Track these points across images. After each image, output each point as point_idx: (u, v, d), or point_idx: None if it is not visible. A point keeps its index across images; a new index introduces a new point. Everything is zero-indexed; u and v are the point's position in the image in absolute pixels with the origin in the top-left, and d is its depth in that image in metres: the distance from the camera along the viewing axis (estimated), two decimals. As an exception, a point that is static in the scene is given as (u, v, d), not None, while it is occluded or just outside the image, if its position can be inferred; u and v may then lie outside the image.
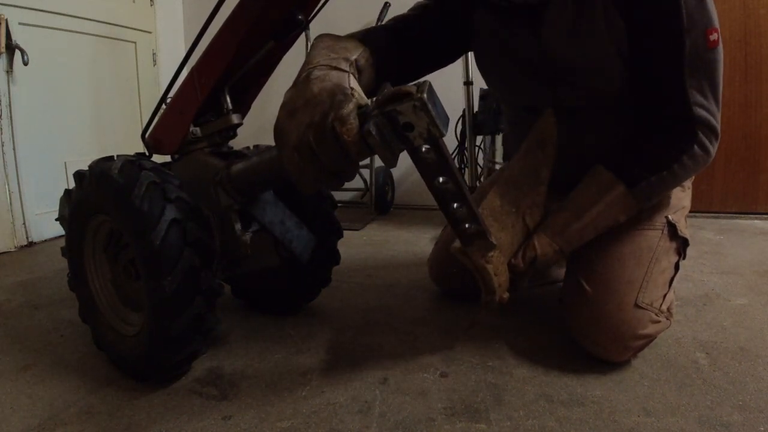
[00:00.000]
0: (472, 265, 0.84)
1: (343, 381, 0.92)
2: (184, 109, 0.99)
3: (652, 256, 0.96)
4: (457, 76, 2.05)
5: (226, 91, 1.01)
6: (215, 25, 0.92)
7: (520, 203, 0.95)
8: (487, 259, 0.83)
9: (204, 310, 0.85)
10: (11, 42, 1.93)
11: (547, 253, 0.93)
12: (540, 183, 0.99)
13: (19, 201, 2.03)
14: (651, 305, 0.92)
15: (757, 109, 2.19)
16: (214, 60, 0.95)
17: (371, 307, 1.28)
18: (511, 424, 0.78)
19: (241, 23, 0.91)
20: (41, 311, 1.31)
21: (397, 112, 0.59)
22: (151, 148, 1.04)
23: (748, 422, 0.75)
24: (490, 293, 0.87)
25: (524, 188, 0.96)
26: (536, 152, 0.99)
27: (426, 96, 0.57)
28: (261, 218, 0.93)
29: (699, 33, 0.84)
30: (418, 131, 0.59)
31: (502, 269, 0.88)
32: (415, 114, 0.58)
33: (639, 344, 0.91)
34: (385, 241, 2.02)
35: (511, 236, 0.93)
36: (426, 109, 0.57)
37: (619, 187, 0.90)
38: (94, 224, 0.98)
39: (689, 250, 1.03)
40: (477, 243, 0.77)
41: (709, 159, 0.92)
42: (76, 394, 0.89)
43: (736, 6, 2.14)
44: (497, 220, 0.90)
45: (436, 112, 0.58)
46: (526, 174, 0.97)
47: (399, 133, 0.61)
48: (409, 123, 0.59)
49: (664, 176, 0.90)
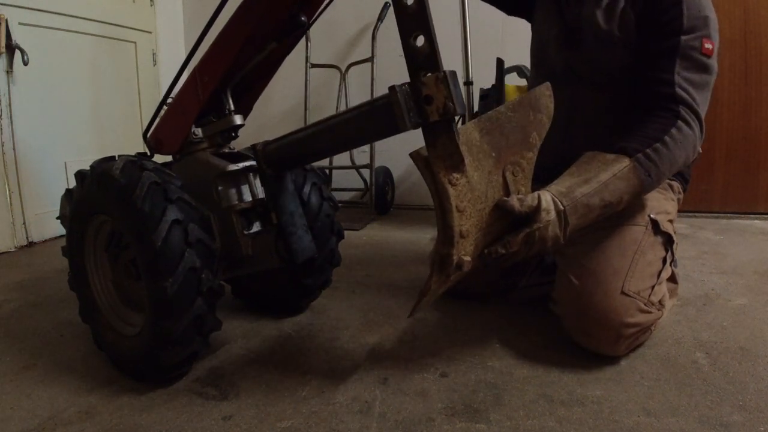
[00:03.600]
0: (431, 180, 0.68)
1: (343, 381, 0.92)
2: (186, 109, 0.99)
3: (637, 248, 0.99)
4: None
5: (228, 91, 1.01)
6: (218, 25, 0.92)
7: (503, 152, 0.78)
8: (451, 179, 0.67)
9: (205, 311, 0.85)
10: (11, 42, 1.93)
11: (549, 207, 0.80)
12: (528, 147, 0.82)
13: (19, 201, 2.03)
14: (638, 294, 0.94)
15: (757, 109, 2.19)
16: (217, 61, 0.95)
17: (371, 307, 1.28)
18: (511, 424, 0.78)
19: (243, 24, 0.91)
20: (41, 311, 1.31)
21: (422, 83, 0.68)
22: (152, 148, 1.04)
23: (748, 422, 0.75)
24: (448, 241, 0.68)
25: (510, 139, 0.79)
26: (527, 111, 0.82)
27: (449, 74, 0.66)
28: (277, 199, 0.96)
29: (696, 37, 0.96)
30: (436, 105, 0.67)
31: (469, 210, 0.71)
32: (436, 86, 0.66)
33: (629, 333, 0.92)
34: (385, 241, 2.02)
35: (486, 184, 0.75)
36: (446, 83, 0.66)
37: (624, 161, 0.90)
38: (95, 224, 0.98)
39: (690, 250, 1.04)
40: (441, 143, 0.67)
41: (695, 138, 0.96)
42: (76, 394, 0.89)
43: (736, 6, 2.14)
44: (472, 154, 0.72)
45: (455, 91, 0.66)
46: (514, 126, 0.80)
47: (419, 103, 0.68)
48: (429, 96, 0.67)
49: (658, 149, 0.91)
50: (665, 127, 0.94)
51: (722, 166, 2.26)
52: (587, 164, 0.91)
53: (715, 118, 2.16)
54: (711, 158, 2.24)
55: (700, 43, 0.95)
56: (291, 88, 2.72)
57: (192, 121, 0.99)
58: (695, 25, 0.95)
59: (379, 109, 0.75)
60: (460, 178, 0.69)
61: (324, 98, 2.83)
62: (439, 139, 0.69)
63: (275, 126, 2.92)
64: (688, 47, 0.95)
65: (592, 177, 0.87)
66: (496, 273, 1.23)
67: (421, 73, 0.68)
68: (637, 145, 0.91)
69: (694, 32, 0.95)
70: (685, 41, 0.95)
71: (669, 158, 0.93)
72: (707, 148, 2.07)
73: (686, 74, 0.96)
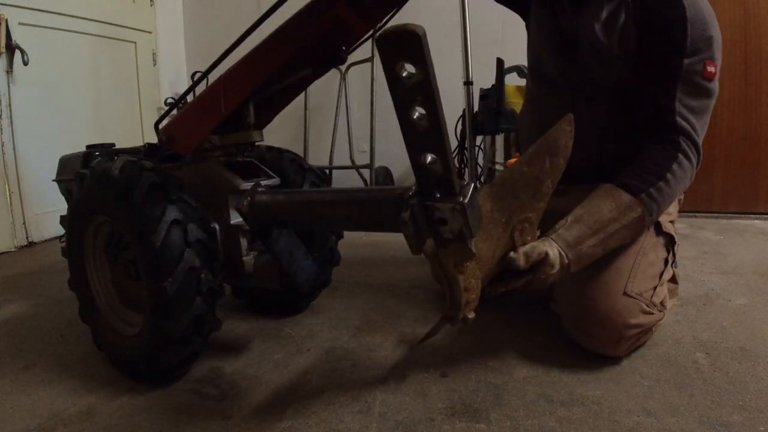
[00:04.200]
0: (442, 272, 0.72)
1: (343, 381, 0.92)
2: (205, 116, 0.95)
3: (639, 249, 0.99)
4: (457, 76, 2.05)
5: (251, 104, 0.99)
6: None
7: (513, 214, 0.82)
8: (461, 268, 0.71)
9: (204, 311, 0.85)
10: (11, 42, 1.93)
11: (554, 262, 0.84)
12: (540, 198, 0.85)
13: (19, 201, 2.03)
14: (640, 295, 0.94)
15: (757, 109, 2.19)
16: (246, 78, 0.90)
17: (371, 307, 1.28)
18: (511, 424, 0.78)
19: (284, 46, 0.86)
20: (41, 311, 1.31)
21: (435, 208, 0.61)
22: (163, 142, 1.02)
23: (748, 422, 0.75)
24: (455, 308, 0.75)
25: (521, 197, 0.82)
26: (544, 159, 0.85)
27: (467, 201, 0.58)
28: (272, 248, 0.91)
29: (698, 60, 0.92)
30: (450, 228, 0.61)
31: (474, 285, 0.76)
32: (452, 215, 0.60)
33: (631, 333, 0.92)
34: (385, 241, 2.02)
35: (493, 250, 0.80)
36: (464, 213, 0.59)
37: (637, 210, 0.90)
38: (94, 224, 0.98)
39: (690, 250, 1.04)
40: (454, 246, 0.66)
41: (693, 170, 0.96)
42: (76, 394, 0.89)
43: (736, 6, 2.14)
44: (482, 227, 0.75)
45: (473, 216, 0.60)
46: (527, 182, 0.83)
47: (432, 224, 0.62)
48: (443, 219, 0.61)
49: (661, 188, 0.91)
50: (667, 162, 0.93)
51: (722, 166, 2.26)
52: (599, 204, 0.90)
53: (715, 118, 2.14)
54: (711, 158, 2.24)
55: (702, 66, 0.93)
56: (291, 88, 2.71)
57: (210, 130, 0.96)
58: (698, 47, 0.92)
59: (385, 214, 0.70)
60: (470, 264, 0.72)
61: (324, 98, 2.84)
62: (451, 244, 0.66)
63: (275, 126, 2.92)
64: (690, 72, 0.93)
65: (601, 228, 0.89)
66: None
67: (434, 193, 0.60)
68: (641, 184, 0.91)
69: (697, 55, 0.92)
70: (687, 65, 0.92)
71: (670, 196, 0.93)
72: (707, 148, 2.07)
73: (687, 101, 0.94)
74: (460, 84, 2.07)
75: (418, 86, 0.52)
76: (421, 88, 0.52)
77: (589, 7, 1.02)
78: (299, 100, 2.71)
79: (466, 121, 2.15)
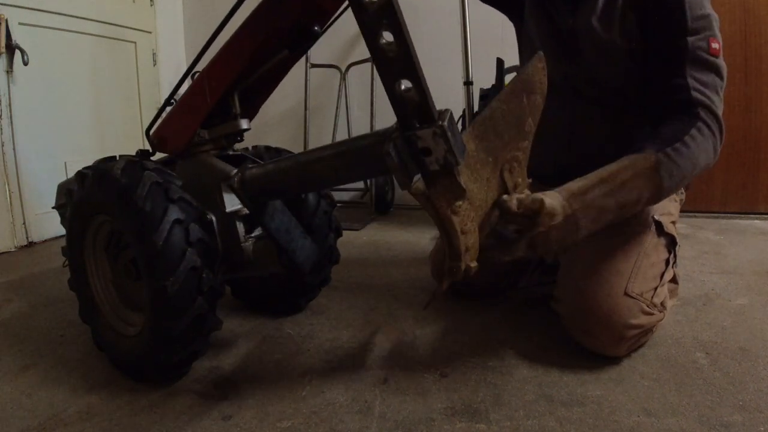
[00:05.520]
0: (436, 216, 0.69)
1: (343, 381, 0.92)
2: (192, 110, 0.98)
3: (641, 249, 0.99)
4: (457, 76, 2.05)
5: (236, 94, 1.00)
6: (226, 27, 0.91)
7: (499, 154, 0.77)
8: (453, 208, 0.68)
9: (205, 311, 0.85)
10: (11, 42, 1.93)
11: (554, 211, 0.76)
12: (524, 136, 0.81)
13: (19, 201, 2.03)
14: (641, 296, 0.94)
15: (757, 109, 2.19)
16: (226, 66, 0.94)
17: (371, 307, 1.28)
18: (511, 424, 0.78)
19: (257, 32, 0.89)
20: (41, 311, 1.31)
21: (416, 137, 0.60)
22: (155, 146, 1.04)
23: (748, 422, 0.75)
24: (455, 257, 0.72)
25: (505, 137, 0.78)
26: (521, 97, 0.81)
27: (447, 124, 0.59)
28: (268, 225, 0.92)
29: (702, 37, 0.92)
30: (435, 157, 0.61)
31: (470, 227, 0.72)
32: (434, 140, 0.60)
33: (631, 334, 0.92)
34: (385, 241, 2.02)
35: (485, 191, 0.76)
36: (445, 137, 0.59)
37: (651, 158, 0.84)
38: (95, 224, 0.98)
39: (690, 250, 1.04)
40: (443, 183, 0.65)
41: (716, 141, 0.91)
42: (76, 394, 0.89)
43: (736, 6, 2.14)
44: (469, 167, 0.72)
45: (455, 141, 0.60)
46: (508, 121, 0.78)
47: (416, 156, 0.62)
48: (427, 148, 0.60)
49: (678, 148, 0.85)
50: (685, 128, 0.88)
51: (722, 166, 2.26)
52: (608, 165, 0.84)
53: (715, 118, 2.16)
54: (711, 158, 2.24)
55: (707, 43, 0.92)
56: (291, 88, 2.71)
57: (199, 123, 0.98)
58: (700, 26, 0.92)
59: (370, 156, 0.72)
60: (462, 204, 0.70)
61: (324, 98, 2.83)
62: (439, 180, 0.66)
63: (275, 126, 2.93)
64: (695, 48, 0.91)
65: (610, 176, 0.81)
66: (497, 273, 1.23)
67: (413, 123, 0.61)
68: (656, 145, 0.86)
69: (700, 33, 0.92)
70: (692, 42, 0.91)
71: (690, 159, 0.86)
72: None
73: (699, 76, 0.92)
74: (460, 84, 2.07)
75: (382, 10, 0.53)
76: (385, 12, 0.53)
77: (585, 3, 1.01)
78: (299, 100, 2.71)
79: (466, 121, 2.16)
